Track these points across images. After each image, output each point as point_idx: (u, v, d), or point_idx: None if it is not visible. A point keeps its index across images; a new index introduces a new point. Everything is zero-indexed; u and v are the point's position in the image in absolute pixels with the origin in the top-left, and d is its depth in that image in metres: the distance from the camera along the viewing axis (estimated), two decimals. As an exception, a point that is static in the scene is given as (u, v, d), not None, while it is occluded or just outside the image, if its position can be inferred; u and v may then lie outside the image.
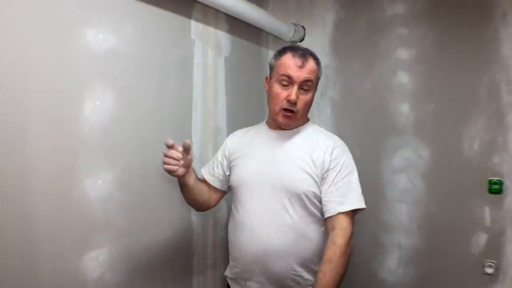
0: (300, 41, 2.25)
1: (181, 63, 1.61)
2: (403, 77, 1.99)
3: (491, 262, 1.78)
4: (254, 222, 1.31)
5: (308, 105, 1.34)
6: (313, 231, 1.31)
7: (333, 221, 1.27)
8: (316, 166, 1.29)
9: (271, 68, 1.36)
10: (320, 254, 1.28)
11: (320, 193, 1.30)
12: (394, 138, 2.01)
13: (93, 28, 1.23)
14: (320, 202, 1.30)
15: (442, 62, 1.90)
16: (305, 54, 1.30)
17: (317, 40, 2.21)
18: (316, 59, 1.33)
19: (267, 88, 1.38)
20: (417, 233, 1.96)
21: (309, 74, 1.28)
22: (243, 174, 1.37)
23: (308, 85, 1.30)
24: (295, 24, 2.18)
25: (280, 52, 1.34)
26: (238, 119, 1.94)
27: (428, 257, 1.93)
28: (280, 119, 1.32)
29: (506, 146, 1.76)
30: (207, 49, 1.74)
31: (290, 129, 1.37)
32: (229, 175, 1.45)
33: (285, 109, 1.30)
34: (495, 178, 1.78)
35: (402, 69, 1.99)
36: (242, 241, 1.33)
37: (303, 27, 2.24)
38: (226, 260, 1.85)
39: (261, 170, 1.32)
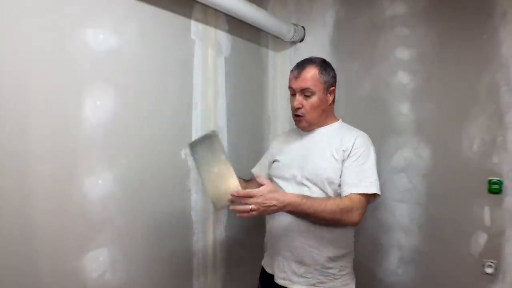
0: (300, 41, 2.26)
1: (181, 63, 1.61)
2: (403, 77, 1.99)
3: (490, 262, 1.78)
4: None
5: (315, 107, 1.47)
6: None
7: None
8: (338, 154, 1.43)
9: None
10: (337, 237, 1.43)
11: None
12: (394, 138, 2.01)
13: (93, 28, 1.23)
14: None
15: (442, 61, 1.90)
16: (304, 64, 1.47)
17: (317, 40, 2.21)
18: (317, 66, 1.47)
19: None
20: (417, 233, 1.96)
21: (304, 82, 1.44)
22: (279, 166, 1.54)
23: (309, 92, 1.45)
24: (295, 24, 2.19)
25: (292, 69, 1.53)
26: (238, 119, 1.94)
27: (428, 257, 1.93)
28: (295, 123, 1.53)
29: (506, 146, 1.76)
30: (207, 49, 1.74)
31: (316, 128, 1.52)
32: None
33: (295, 115, 1.49)
34: (494, 178, 1.78)
35: (402, 69, 1.99)
36: (274, 220, 1.48)
37: (303, 27, 2.24)
38: (226, 260, 1.86)
39: (292, 161, 1.50)
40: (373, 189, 1.38)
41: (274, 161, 1.58)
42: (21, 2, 1.05)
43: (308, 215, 1.33)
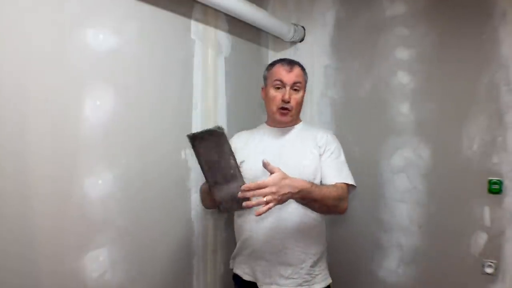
0: (300, 41, 2.26)
1: (181, 63, 1.61)
2: (403, 77, 1.99)
3: (490, 262, 1.78)
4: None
5: (300, 103, 1.54)
6: (314, 215, 1.47)
7: None
8: (316, 150, 1.49)
9: (265, 79, 1.59)
10: (319, 235, 1.50)
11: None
12: (394, 138, 2.01)
13: (93, 28, 1.23)
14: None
15: (442, 61, 1.90)
16: (292, 62, 1.55)
17: (317, 40, 2.21)
18: (301, 66, 1.56)
19: (263, 96, 1.60)
20: (417, 233, 1.96)
21: (297, 77, 1.51)
22: (250, 167, 1.45)
23: (298, 86, 1.51)
24: (295, 24, 2.18)
25: (271, 64, 1.58)
26: (238, 119, 1.94)
27: (428, 257, 1.93)
28: (278, 117, 1.52)
29: (506, 146, 1.77)
30: (207, 49, 1.74)
31: (288, 126, 1.57)
32: None
33: (281, 108, 1.50)
34: (494, 178, 1.78)
35: (402, 69, 1.99)
36: (254, 224, 1.45)
37: (303, 27, 2.24)
38: (226, 260, 1.85)
39: (271, 161, 1.39)
40: (351, 180, 1.47)
41: (241, 162, 1.49)
42: (21, 2, 1.05)
43: (315, 201, 1.30)
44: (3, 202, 1.02)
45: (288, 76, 1.49)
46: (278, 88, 1.50)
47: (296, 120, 1.59)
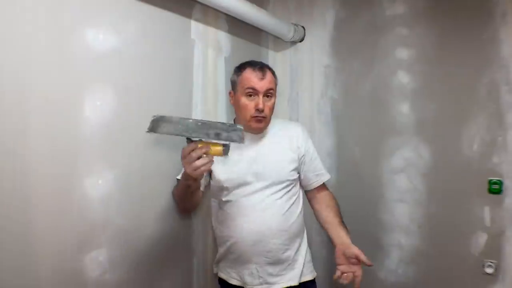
0: (300, 41, 2.26)
1: (181, 63, 1.61)
2: (403, 77, 1.99)
3: (491, 262, 1.78)
4: (249, 211, 1.46)
5: (272, 109, 1.52)
6: (295, 210, 1.54)
7: (317, 190, 1.60)
8: (293, 152, 1.54)
9: (234, 83, 1.53)
10: (300, 228, 1.55)
11: (298, 173, 1.56)
12: (394, 138, 2.01)
13: (93, 28, 1.23)
14: (297, 184, 1.57)
15: (442, 61, 1.90)
16: (263, 67, 1.50)
17: (317, 40, 2.21)
18: (271, 70, 1.54)
19: (232, 101, 1.56)
20: (417, 233, 1.96)
21: (270, 83, 1.48)
22: (232, 174, 1.48)
23: (270, 93, 1.49)
24: (295, 24, 2.18)
25: (240, 68, 1.52)
26: (238, 119, 1.94)
27: (428, 257, 1.93)
28: (253, 125, 1.48)
29: (506, 146, 1.76)
30: (207, 49, 1.74)
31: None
32: (209, 179, 1.57)
33: (255, 117, 1.46)
34: (494, 178, 1.78)
35: (402, 69, 1.99)
36: (239, 229, 1.46)
37: (303, 27, 2.24)
38: (226, 260, 1.85)
39: (249, 167, 1.48)
40: (328, 175, 1.62)
41: (215, 169, 1.49)
42: (21, 1, 1.05)
43: None
44: (3, 202, 1.02)
45: (260, 83, 1.45)
46: (250, 95, 1.46)
47: (269, 122, 1.56)
